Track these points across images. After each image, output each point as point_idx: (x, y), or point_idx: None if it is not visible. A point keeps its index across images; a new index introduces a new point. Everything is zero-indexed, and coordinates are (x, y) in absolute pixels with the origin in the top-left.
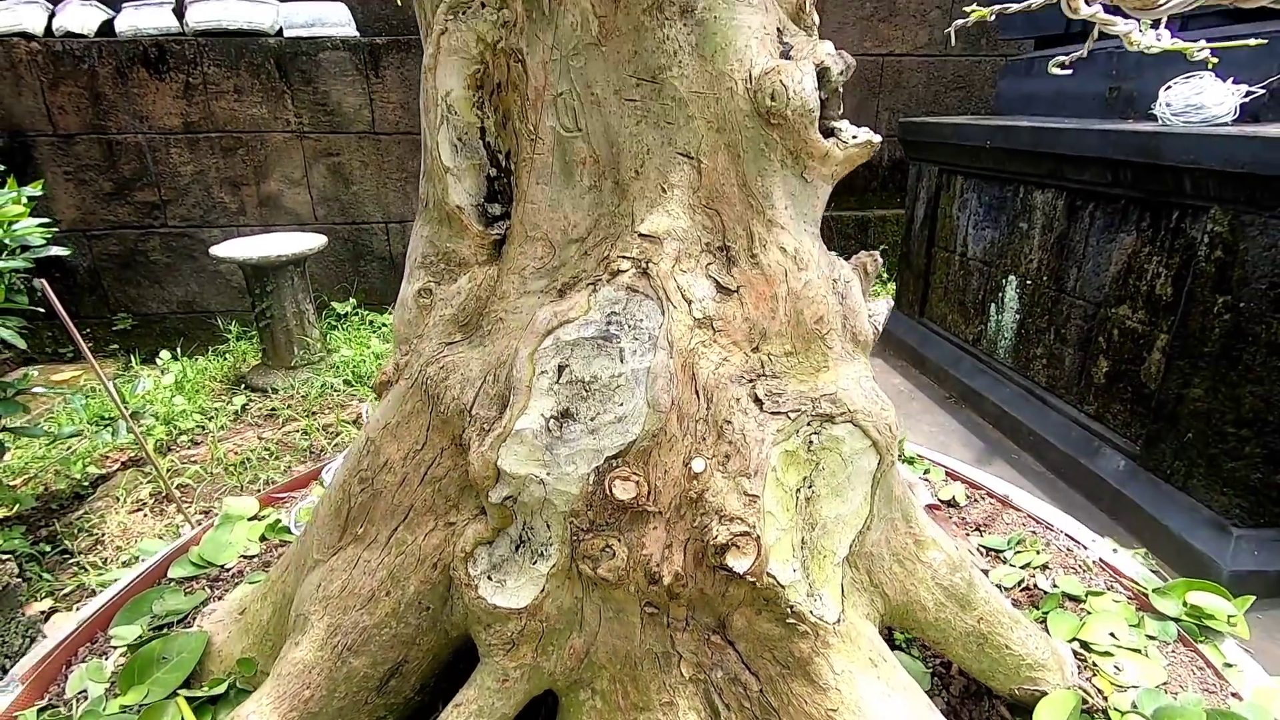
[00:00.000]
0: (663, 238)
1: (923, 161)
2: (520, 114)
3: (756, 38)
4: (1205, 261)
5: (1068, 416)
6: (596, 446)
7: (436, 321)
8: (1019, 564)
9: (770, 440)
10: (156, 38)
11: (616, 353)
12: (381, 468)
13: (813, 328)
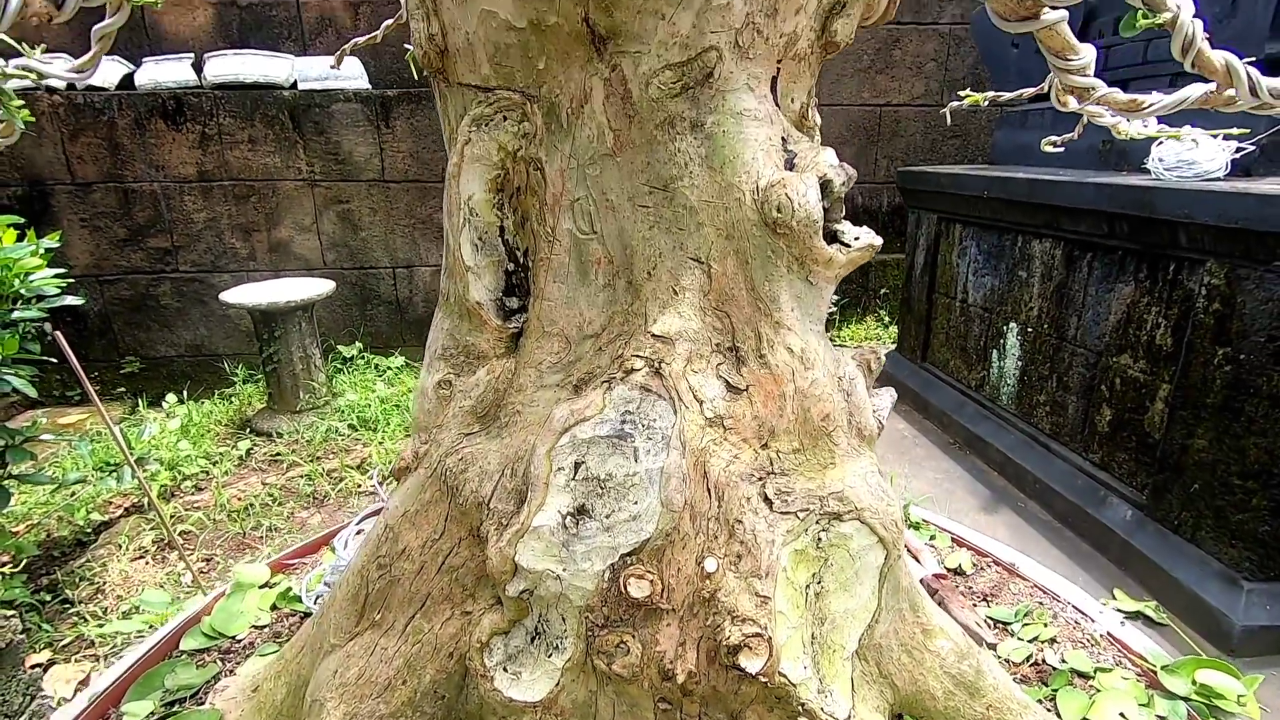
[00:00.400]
0: (675, 338)
1: (921, 209)
2: (538, 216)
3: (763, 150)
4: (1204, 313)
5: (1073, 464)
6: (611, 544)
7: (455, 413)
8: (1027, 637)
9: (780, 541)
10: (175, 91)
11: (631, 452)
12: (400, 555)
13: (819, 425)
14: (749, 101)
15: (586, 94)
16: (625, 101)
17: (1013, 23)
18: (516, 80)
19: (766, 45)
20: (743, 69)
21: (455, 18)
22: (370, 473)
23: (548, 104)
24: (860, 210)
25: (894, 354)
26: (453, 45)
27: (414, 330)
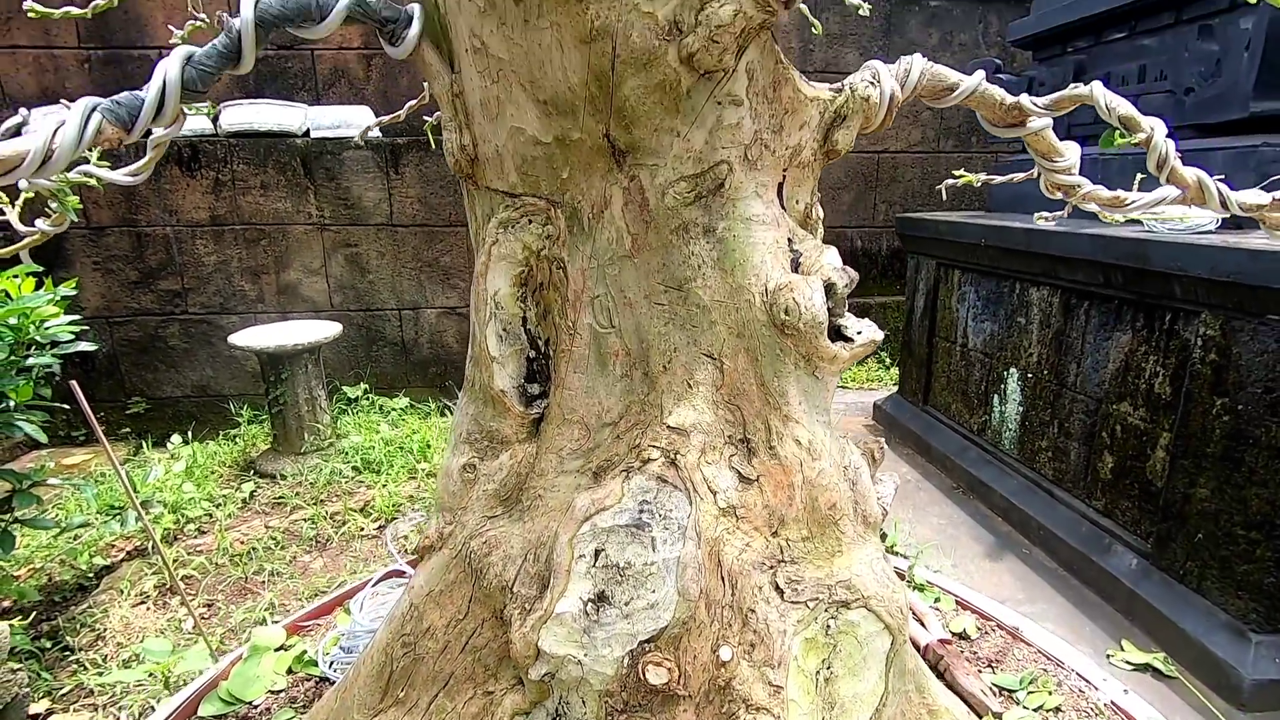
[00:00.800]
0: (689, 431)
1: (920, 255)
2: (560, 310)
3: (770, 253)
4: (1201, 364)
5: (1076, 511)
6: (630, 631)
7: (479, 496)
8: (1032, 706)
9: (792, 630)
10: (191, 139)
11: (649, 541)
12: (424, 633)
13: (827, 514)
14: (757, 208)
15: (607, 201)
16: (643, 208)
17: (1001, 129)
18: (541, 187)
19: (773, 157)
20: (751, 179)
21: (486, 132)
22: (385, 533)
23: (570, 209)
24: (860, 253)
25: (896, 396)
26: (483, 155)
27: (418, 371)
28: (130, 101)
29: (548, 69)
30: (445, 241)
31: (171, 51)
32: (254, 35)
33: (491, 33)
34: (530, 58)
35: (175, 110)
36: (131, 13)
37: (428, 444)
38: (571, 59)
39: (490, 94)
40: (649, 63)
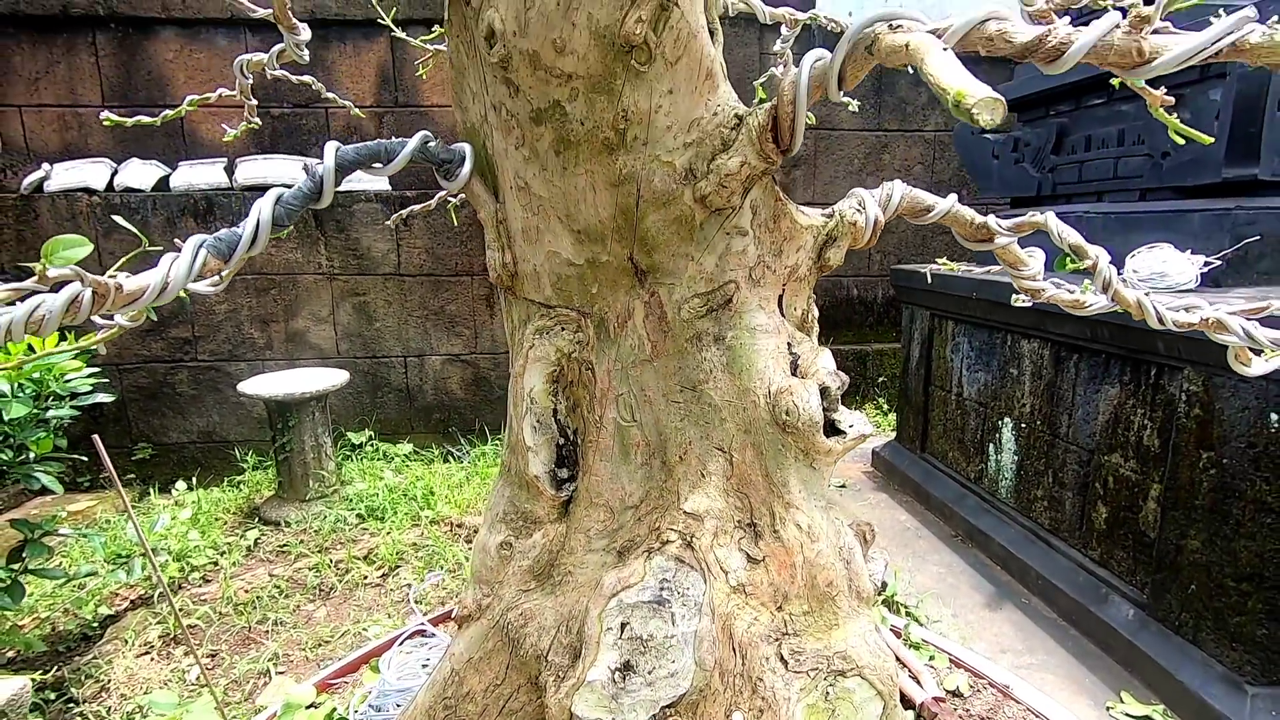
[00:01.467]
0: (703, 516)
1: (915, 306)
2: (588, 405)
3: (773, 358)
4: (1186, 418)
5: (1073, 561)
6: (654, 697)
7: (515, 571)
8: None
9: (795, 697)
10: (207, 192)
11: (669, 616)
12: (464, 697)
13: (825, 590)
14: (761, 318)
15: (630, 312)
16: (661, 320)
17: (972, 243)
18: (573, 300)
19: (774, 275)
20: (755, 294)
21: (525, 253)
22: (408, 593)
23: (598, 319)
24: (857, 301)
25: (894, 443)
26: (522, 271)
27: (422, 417)
28: (229, 238)
29: (581, 206)
30: (451, 290)
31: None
32: (334, 178)
33: (534, 176)
34: (567, 197)
35: (265, 242)
36: (154, 74)
37: (431, 491)
38: (602, 198)
39: (530, 223)
40: (668, 201)
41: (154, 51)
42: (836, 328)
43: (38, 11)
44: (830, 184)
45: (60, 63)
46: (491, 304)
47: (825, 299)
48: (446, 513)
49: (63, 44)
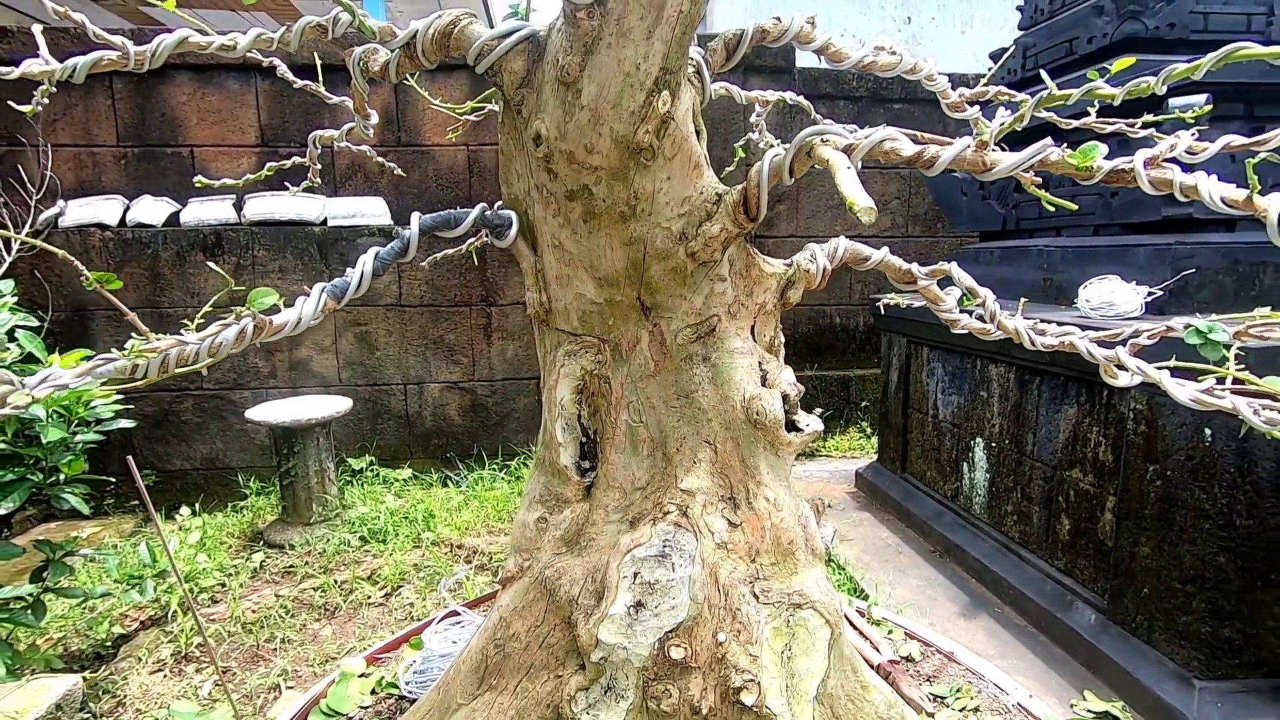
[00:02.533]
0: (695, 492)
1: (893, 333)
2: (605, 411)
3: (746, 373)
4: (1134, 434)
5: (1041, 571)
6: (659, 625)
7: (550, 539)
8: (958, 708)
9: (764, 623)
10: (216, 227)
11: (670, 565)
12: (510, 637)
13: (787, 547)
14: (737, 343)
15: (638, 339)
16: (661, 345)
17: (903, 285)
18: (595, 330)
19: (747, 310)
20: (733, 324)
21: (558, 294)
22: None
23: (613, 344)
24: (839, 329)
25: (875, 464)
26: (555, 308)
27: (421, 443)
28: (341, 284)
29: (602, 259)
30: (450, 320)
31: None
32: (417, 238)
33: (566, 237)
34: (591, 253)
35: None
36: (168, 115)
37: (431, 514)
38: (618, 254)
39: (563, 272)
40: (667, 257)
41: (168, 94)
42: (821, 354)
43: (58, 58)
44: (812, 218)
45: (78, 105)
46: (489, 333)
47: (810, 327)
48: (447, 535)
49: (81, 88)
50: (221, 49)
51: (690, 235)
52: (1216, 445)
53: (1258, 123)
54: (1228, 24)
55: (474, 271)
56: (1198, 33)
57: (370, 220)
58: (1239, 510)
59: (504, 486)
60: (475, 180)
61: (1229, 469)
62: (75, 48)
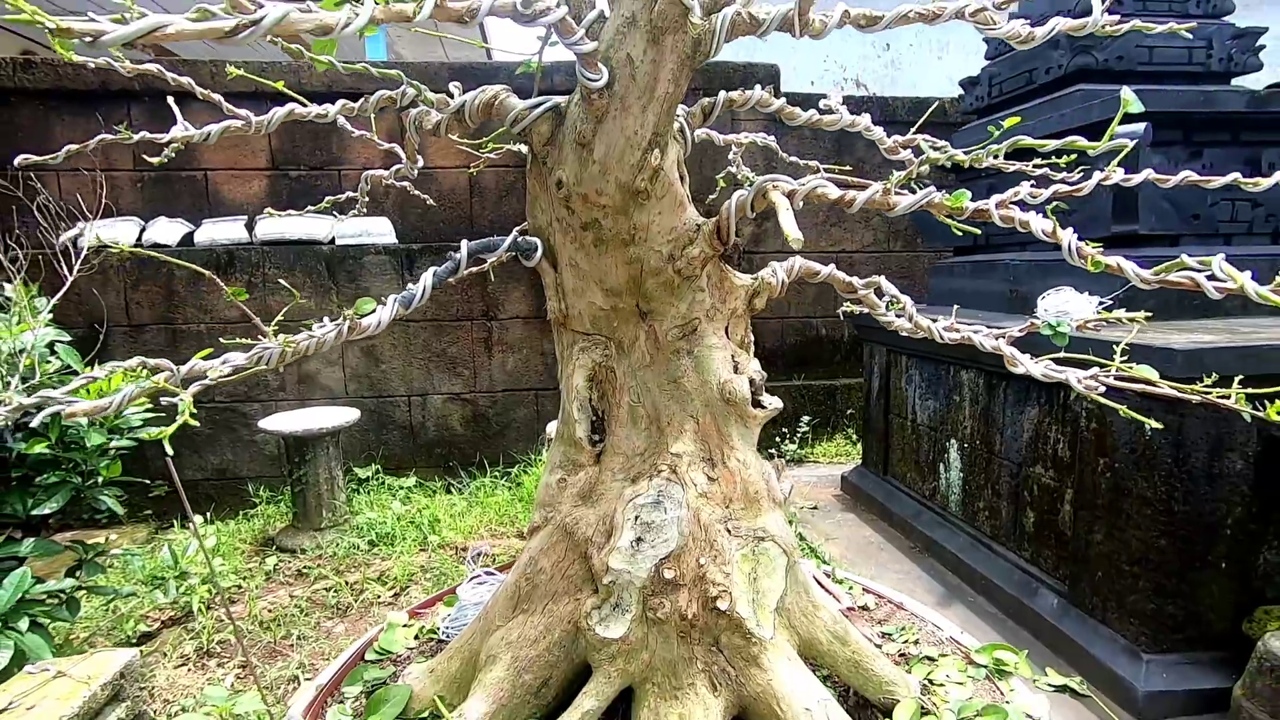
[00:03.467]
0: (682, 455)
1: (874, 343)
2: (611, 394)
3: (721, 363)
4: (1087, 431)
5: (1010, 562)
6: (655, 554)
7: (568, 495)
8: (900, 640)
9: (734, 550)
10: (229, 246)
11: (663, 509)
12: (538, 571)
13: (753, 496)
14: (714, 340)
15: (636, 337)
16: (655, 341)
17: (846, 295)
18: (603, 330)
19: (721, 314)
20: (710, 325)
21: (574, 302)
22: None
23: (618, 341)
24: (825, 340)
25: (860, 468)
26: (571, 313)
27: (424, 452)
28: (408, 295)
29: (608, 275)
30: (452, 334)
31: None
32: (465, 261)
33: (581, 258)
34: (600, 270)
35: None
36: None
37: (436, 519)
38: (621, 271)
39: (578, 285)
40: (658, 273)
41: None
42: (808, 365)
43: (79, 87)
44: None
45: (98, 132)
46: (489, 347)
47: (797, 339)
48: (451, 538)
49: (100, 115)
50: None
51: (677, 256)
52: (1155, 438)
53: (1195, 146)
54: (1171, 56)
55: (475, 287)
56: (1144, 64)
57: (376, 239)
58: (1176, 497)
59: (504, 493)
60: (476, 201)
61: (1167, 459)
62: (96, 79)
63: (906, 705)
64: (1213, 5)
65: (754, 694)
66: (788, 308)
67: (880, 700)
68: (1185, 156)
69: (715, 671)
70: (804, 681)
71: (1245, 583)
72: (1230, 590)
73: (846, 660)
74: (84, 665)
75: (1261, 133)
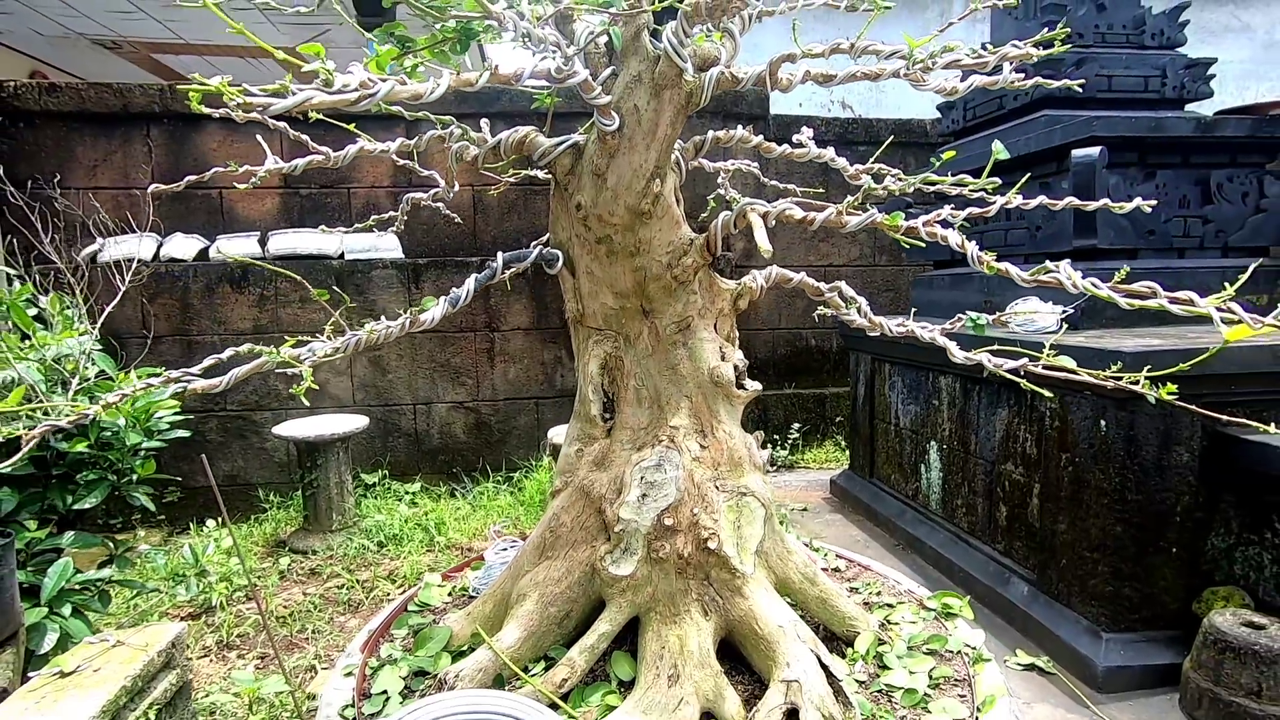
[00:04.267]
0: (678, 428)
1: (859, 352)
2: (620, 379)
3: (711, 353)
4: (1050, 429)
5: (985, 554)
6: (657, 506)
7: (584, 463)
8: (865, 593)
9: (722, 502)
10: (244, 261)
11: (663, 469)
12: (559, 525)
13: (737, 460)
14: (705, 334)
15: (641, 331)
16: (656, 335)
17: (814, 298)
18: (613, 326)
19: (710, 313)
20: (701, 322)
21: (589, 304)
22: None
23: (625, 335)
24: (815, 350)
25: (847, 471)
26: (587, 312)
27: (429, 459)
28: (454, 296)
29: (618, 280)
30: (456, 345)
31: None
32: (501, 269)
33: (595, 267)
34: (611, 276)
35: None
36: (200, 160)
37: (441, 521)
38: (628, 276)
39: (592, 289)
40: (659, 278)
41: (200, 142)
42: (799, 374)
43: (102, 110)
44: (788, 249)
45: (118, 151)
46: (491, 357)
47: (788, 349)
48: (457, 539)
49: (120, 136)
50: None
51: (674, 265)
52: (1110, 433)
53: (1149, 168)
54: (1129, 84)
55: (478, 300)
56: (1104, 92)
57: (384, 254)
58: (1130, 487)
59: (507, 497)
60: (479, 218)
61: (1120, 452)
62: (117, 101)
63: (865, 636)
64: (1167, 38)
65: (738, 617)
66: (779, 320)
67: (844, 633)
68: (1141, 177)
69: (706, 600)
70: (778, 608)
71: (1195, 566)
72: (1181, 573)
73: (815, 598)
74: (139, 636)
75: (1210, 155)
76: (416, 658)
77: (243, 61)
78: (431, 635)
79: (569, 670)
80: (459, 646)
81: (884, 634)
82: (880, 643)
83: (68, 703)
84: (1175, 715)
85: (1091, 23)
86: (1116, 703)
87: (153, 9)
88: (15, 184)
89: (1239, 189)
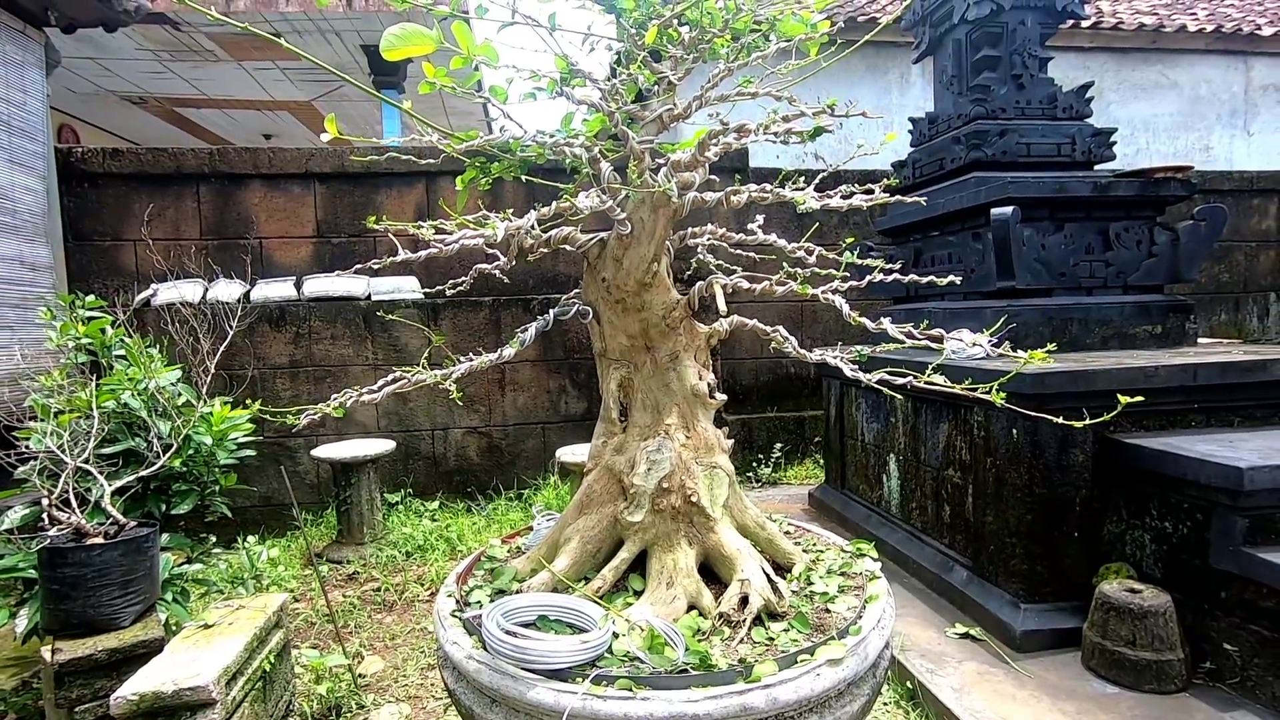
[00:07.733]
0: (671, 425)
1: (830, 378)
2: (631, 394)
3: (693, 374)
4: (979, 438)
5: (934, 548)
6: (658, 475)
7: (608, 450)
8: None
9: (700, 472)
10: (280, 303)
11: (662, 452)
12: (592, 491)
13: (710, 446)
14: (689, 362)
15: (645, 361)
16: (655, 363)
17: (764, 337)
18: (626, 358)
19: (692, 348)
20: (686, 354)
21: (610, 343)
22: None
23: (634, 363)
24: (793, 377)
25: (824, 485)
26: (608, 348)
27: (445, 480)
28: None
29: (629, 327)
30: (470, 376)
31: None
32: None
33: (614, 318)
34: (624, 323)
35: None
36: (242, 214)
37: (462, 533)
38: (636, 325)
39: (612, 332)
40: (657, 325)
41: (243, 198)
42: (780, 399)
43: (158, 171)
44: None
45: (170, 208)
46: (502, 386)
47: (770, 377)
48: (476, 548)
49: (173, 193)
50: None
51: (666, 317)
52: (1020, 439)
53: (1059, 221)
54: (1044, 150)
55: (490, 335)
56: (1024, 157)
57: (406, 295)
58: (1037, 482)
59: (518, 513)
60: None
61: (1028, 455)
62: (170, 162)
63: (799, 566)
64: (1075, 110)
65: (711, 545)
66: (760, 350)
67: (784, 563)
68: (1052, 229)
69: (690, 536)
70: (738, 540)
71: (1095, 547)
72: (1083, 553)
73: (764, 539)
74: (255, 602)
75: (1108, 210)
76: (495, 584)
77: (259, 114)
78: (503, 571)
79: (602, 582)
80: (522, 578)
81: (812, 564)
82: (809, 569)
83: (220, 643)
84: (1076, 667)
85: (1013, 99)
86: (1031, 659)
87: (182, 70)
88: (79, 238)
89: (1134, 238)
